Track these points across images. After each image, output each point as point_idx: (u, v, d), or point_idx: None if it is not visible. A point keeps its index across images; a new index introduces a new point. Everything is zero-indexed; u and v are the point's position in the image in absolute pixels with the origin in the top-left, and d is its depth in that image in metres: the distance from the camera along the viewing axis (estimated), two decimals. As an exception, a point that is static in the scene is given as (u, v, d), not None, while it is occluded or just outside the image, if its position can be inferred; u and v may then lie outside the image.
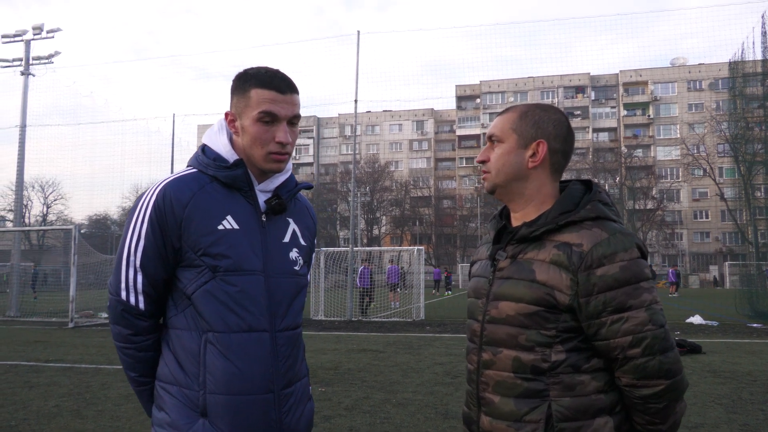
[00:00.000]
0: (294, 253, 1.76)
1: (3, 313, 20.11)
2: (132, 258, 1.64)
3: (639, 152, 67.18)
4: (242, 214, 1.67)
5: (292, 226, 1.79)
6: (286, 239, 1.75)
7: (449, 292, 37.98)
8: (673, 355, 1.44)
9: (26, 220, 57.06)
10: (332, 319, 18.13)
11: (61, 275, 21.66)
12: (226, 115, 1.72)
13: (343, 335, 13.76)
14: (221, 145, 1.70)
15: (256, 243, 1.67)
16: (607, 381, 1.47)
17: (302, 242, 1.80)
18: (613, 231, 1.46)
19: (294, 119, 1.69)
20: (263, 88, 1.64)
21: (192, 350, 1.61)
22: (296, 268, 1.75)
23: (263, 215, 1.71)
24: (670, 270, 38.26)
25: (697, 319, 16.40)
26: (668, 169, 67.33)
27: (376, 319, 17.99)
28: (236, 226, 1.64)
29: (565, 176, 1.69)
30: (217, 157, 1.68)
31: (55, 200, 65.42)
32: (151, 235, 1.61)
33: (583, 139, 70.99)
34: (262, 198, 1.72)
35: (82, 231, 19.69)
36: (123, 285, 1.65)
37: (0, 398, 6.74)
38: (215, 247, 1.61)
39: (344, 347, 11.43)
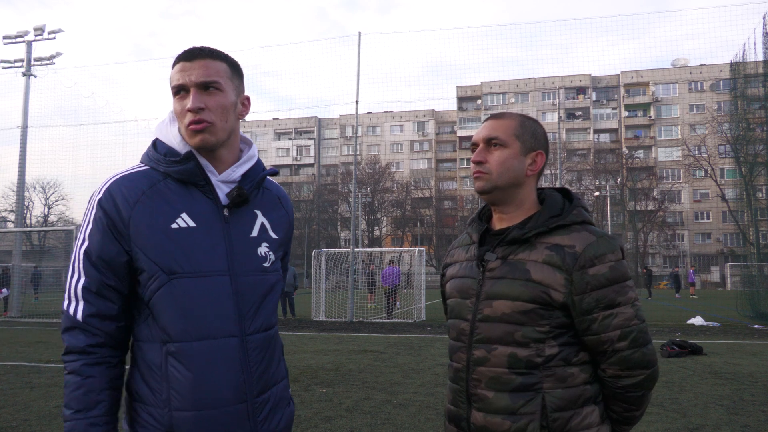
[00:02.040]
0: (263, 248, 1.62)
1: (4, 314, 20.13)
2: (76, 262, 1.51)
3: (640, 153, 67.12)
4: (200, 210, 1.53)
5: (261, 218, 1.65)
6: (254, 233, 1.61)
7: None
8: (652, 347, 1.59)
9: (27, 221, 57.11)
10: (333, 320, 18.12)
11: (62, 276, 21.66)
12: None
13: (344, 336, 13.76)
14: (172, 137, 1.56)
15: (218, 241, 1.53)
16: (591, 373, 1.59)
17: (273, 235, 1.66)
18: (599, 234, 1.58)
19: (209, 84, 1.52)
20: (175, 64, 1.55)
21: (154, 363, 1.48)
22: (266, 264, 1.61)
23: (225, 209, 1.57)
24: (690, 271, 38.21)
25: (698, 321, 16.38)
26: (669, 170, 67.27)
27: (376, 321, 17.99)
28: (192, 224, 1.51)
29: (567, 178, 1.73)
30: (168, 152, 1.55)
31: (56, 201, 65.55)
32: (96, 236, 1.49)
33: (584, 140, 71.00)
34: (223, 190, 1.58)
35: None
36: (66, 294, 1.51)
37: (1, 399, 6.75)
38: (169, 247, 1.47)
39: (345, 348, 11.42)
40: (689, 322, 16.46)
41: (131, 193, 1.50)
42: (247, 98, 1.66)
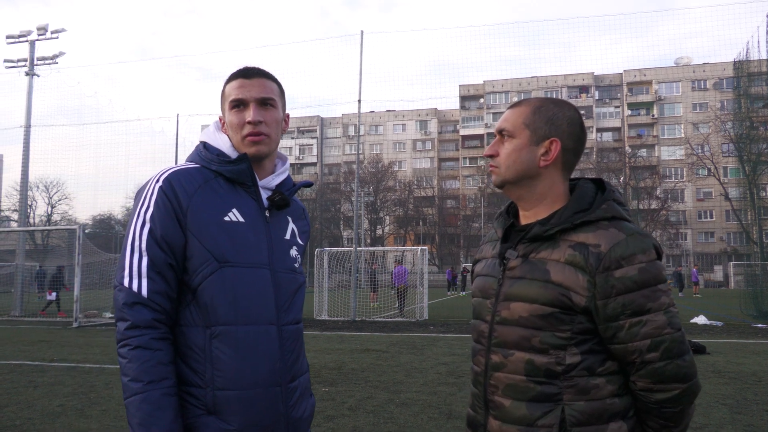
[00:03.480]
0: (293, 251, 1.77)
1: (7, 313, 20.19)
2: (137, 242, 1.58)
3: (643, 152, 67.02)
4: (247, 208, 1.67)
5: (291, 224, 1.80)
6: (287, 236, 1.77)
7: (464, 293, 38.01)
8: (690, 358, 1.42)
9: (31, 220, 57.24)
10: (336, 319, 18.13)
11: (65, 275, 21.69)
12: (219, 119, 1.78)
13: (347, 335, 13.76)
14: (222, 143, 1.71)
15: (262, 237, 1.67)
16: (621, 384, 1.44)
17: (299, 241, 1.83)
18: (630, 232, 1.43)
19: (266, 100, 1.69)
20: (232, 80, 1.72)
21: (197, 346, 1.56)
22: (296, 265, 1.77)
23: (267, 211, 1.71)
24: (694, 270, 38.17)
25: (701, 320, 16.35)
26: (672, 169, 67.18)
27: (379, 319, 17.99)
28: (242, 219, 1.64)
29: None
30: (220, 153, 1.69)
31: (59, 200, 65.77)
32: (157, 219, 1.57)
33: (587, 139, 70.79)
34: (264, 195, 1.73)
35: (86, 231, 19.73)
36: (126, 271, 1.56)
37: (5, 398, 6.76)
38: (221, 238, 1.59)
39: (348, 347, 11.43)
40: (692, 321, 16.43)
41: (189, 184, 1.61)
42: (288, 115, 1.83)
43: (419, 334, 13.84)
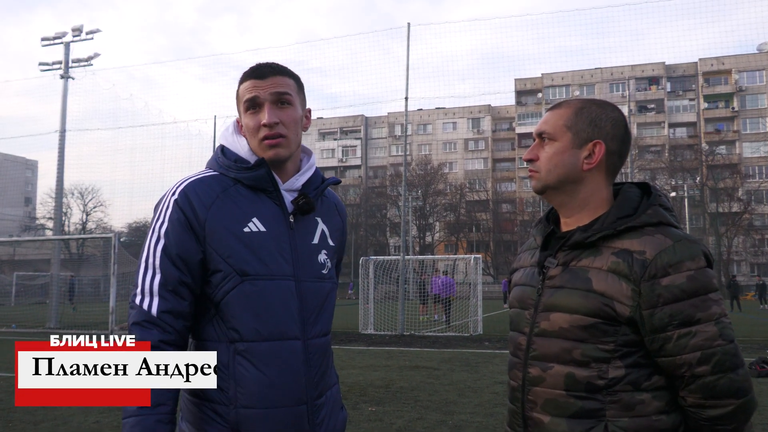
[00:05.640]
0: (323, 256, 1.77)
1: (43, 325, 20.95)
2: (151, 259, 1.62)
3: (722, 149, 65.15)
4: (269, 216, 1.68)
5: (321, 225, 1.80)
6: (315, 240, 1.77)
7: None
8: (744, 372, 1.42)
9: (66, 228, 59.37)
10: (382, 333, 18.17)
11: (101, 285, 22.41)
12: (237, 120, 1.79)
13: (395, 351, 13.78)
14: (240, 147, 1.73)
15: (285, 246, 1.68)
16: (668, 400, 1.44)
17: (330, 243, 1.82)
18: (677, 237, 1.44)
19: (282, 99, 1.69)
20: (245, 80, 1.72)
21: (221, 362, 1.60)
22: (324, 271, 1.77)
23: (291, 216, 1.72)
24: None
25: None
26: (756, 168, 65.05)
27: (429, 334, 17.95)
28: (263, 229, 1.66)
29: (639, 177, 1.66)
30: (237, 159, 1.71)
31: (94, 207, 68.06)
32: (174, 234, 1.61)
33: (658, 136, 69.28)
34: (288, 198, 1.73)
35: (122, 239, 20.36)
36: (139, 289, 1.62)
37: (40, 413, 7.01)
38: (242, 251, 1.62)
39: (396, 364, 11.43)
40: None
41: (206, 195, 1.64)
42: (309, 110, 1.83)
43: (473, 350, 13.74)
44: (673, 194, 53.19)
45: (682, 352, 1.39)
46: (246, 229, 1.64)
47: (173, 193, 1.65)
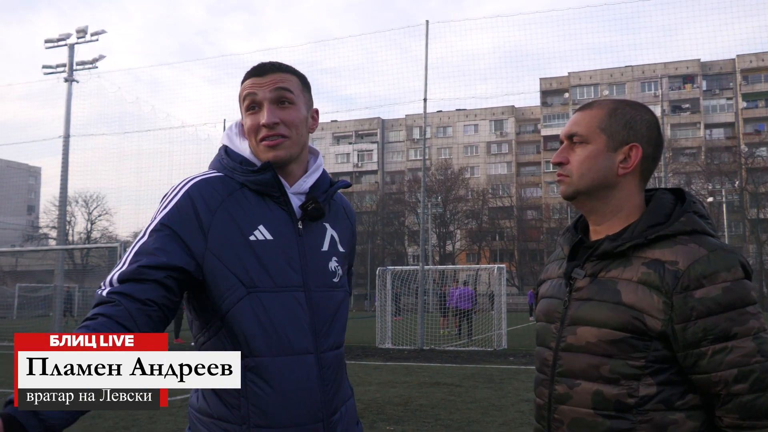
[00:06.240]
0: (333, 263, 1.76)
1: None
2: (134, 248, 1.58)
3: (763, 151, 64.41)
4: (276, 222, 1.67)
5: (330, 231, 1.79)
6: (325, 247, 1.75)
7: None
8: None
9: (70, 238, 60.06)
10: (401, 347, 18.14)
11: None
12: (240, 122, 1.79)
13: (414, 366, 13.76)
14: (244, 148, 1.73)
15: (294, 254, 1.67)
16: (704, 421, 1.42)
17: (341, 249, 1.81)
18: (712, 247, 1.43)
19: (282, 98, 1.68)
20: (245, 79, 1.73)
21: None
22: (335, 280, 1.75)
23: (299, 222, 1.71)
24: None
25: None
26: (800, 171, 64.28)
27: (450, 348, 17.90)
28: (270, 237, 1.64)
29: (673, 181, 1.64)
30: (243, 161, 1.70)
31: (99, 216, 68.75)
32: (176, 219, 1.59)
33: (693, 137, 68.73)
34: (296, 202, 1.72)
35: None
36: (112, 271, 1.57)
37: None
38: (248, 260, 1.60)
39: (415, 380, 11.41)
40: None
41: (212, 199, 1.63)
42: (316, 111, 1.83)
43: (497, 366, 13.69)
44: (710, 199, 52.77)
45: (718, 368, 1.38)
46: (252, 238, 1.62)
47: (177, 192, 1.65)
